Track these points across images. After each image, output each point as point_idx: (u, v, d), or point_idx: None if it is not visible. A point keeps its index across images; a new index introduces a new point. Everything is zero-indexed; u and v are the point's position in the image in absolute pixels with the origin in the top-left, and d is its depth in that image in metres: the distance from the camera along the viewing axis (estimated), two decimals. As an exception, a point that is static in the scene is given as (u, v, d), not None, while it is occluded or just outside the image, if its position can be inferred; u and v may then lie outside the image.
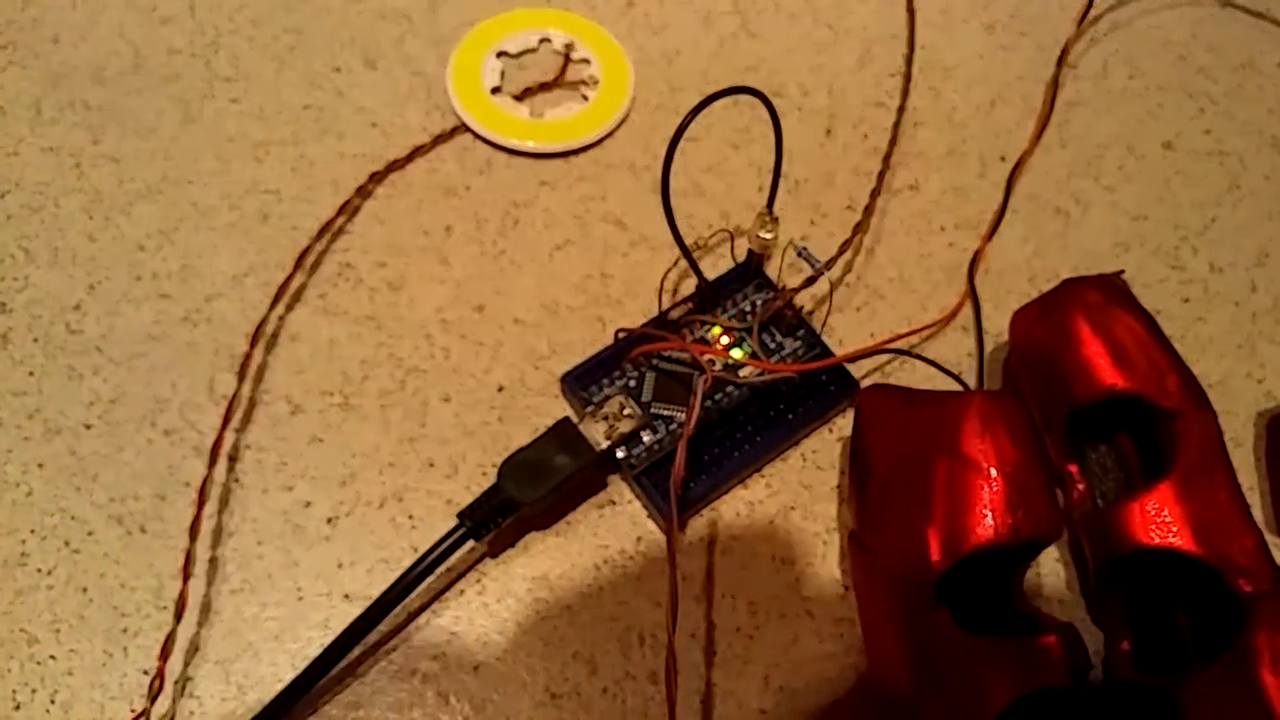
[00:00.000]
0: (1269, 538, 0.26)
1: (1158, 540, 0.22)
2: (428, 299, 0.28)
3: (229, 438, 0.26)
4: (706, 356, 0.25)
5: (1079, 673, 0.21)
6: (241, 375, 0.27)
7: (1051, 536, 0.21)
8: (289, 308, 0.28)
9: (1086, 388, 0.23)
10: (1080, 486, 0.25)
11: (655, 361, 0.26)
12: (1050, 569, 0.26)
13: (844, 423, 0.27)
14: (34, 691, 0.23)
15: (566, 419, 0.25)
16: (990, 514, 0.21)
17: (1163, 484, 0.23)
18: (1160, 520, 0.22)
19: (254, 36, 0.33)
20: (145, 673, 0.23)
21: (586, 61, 0.32)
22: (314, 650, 0.23)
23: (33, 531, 0.25)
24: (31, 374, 0.27)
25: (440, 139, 0.31)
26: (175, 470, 0.26)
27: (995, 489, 0.21)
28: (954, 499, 0.21)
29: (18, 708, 0.23)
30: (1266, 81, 0.34)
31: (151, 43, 0.32)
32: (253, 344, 0.27)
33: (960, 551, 0.21)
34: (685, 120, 0.22)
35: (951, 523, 0.21)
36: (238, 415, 0.26)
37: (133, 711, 0.23)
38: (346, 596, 0.24)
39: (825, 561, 0.25)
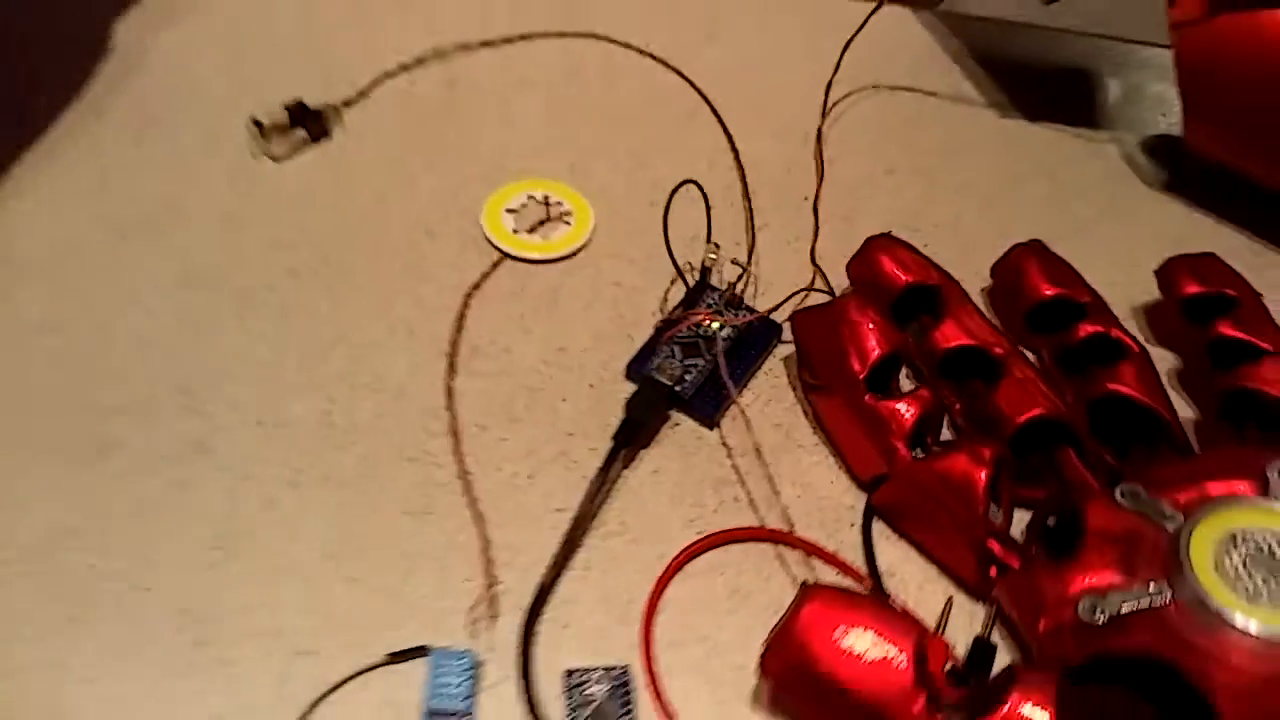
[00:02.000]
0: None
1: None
2: (528, 352, 0.47)
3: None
4: (706, 323, 0.45)
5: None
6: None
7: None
8: (452, 377, 0.46)
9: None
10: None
11: (674, 340, 0.46)
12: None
13: (782, 348, 0.48)
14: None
15: (646, 375, 0.44)
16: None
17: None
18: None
19: (356, 258, 0.51)
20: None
21: (560, 203, 0.52)
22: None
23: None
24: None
25: (495, 266, 0.50)
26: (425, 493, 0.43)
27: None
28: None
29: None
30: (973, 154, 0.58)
31: (273, 270, 0.50)
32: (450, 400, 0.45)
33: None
34: (667, 203, 0.43)
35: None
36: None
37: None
38: (560, 510, 0.43)
39: (800, 421, 0.46)
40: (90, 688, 0.37)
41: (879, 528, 0.43)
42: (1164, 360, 0.48)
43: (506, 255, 0.50)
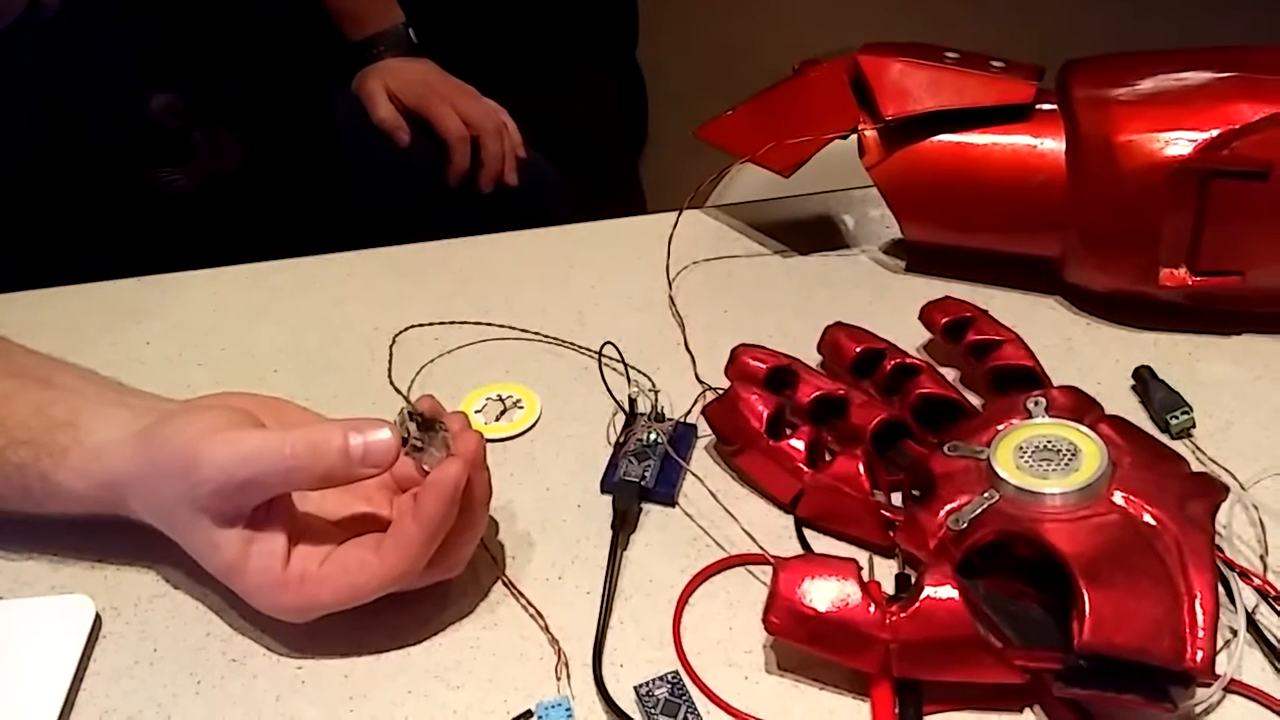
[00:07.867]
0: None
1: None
2: (527, 498, 0.60)
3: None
4: (646, 435, 0.60)
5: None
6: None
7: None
8: (478, 532, 0.59)
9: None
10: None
11: (628, 454, 0.60)
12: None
13: (699, 444, 0.62)
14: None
15: (618, 481, 0.58)
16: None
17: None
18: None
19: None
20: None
21: (513, 396, 0.67)
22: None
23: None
24: None
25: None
26: None
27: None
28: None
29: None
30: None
31: None
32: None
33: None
34: (599, 363, 0.58)
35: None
36: None
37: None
38: (589, 592, 0.55)
39: (730, 484, 0.60)
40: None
41: (808, 532, 0.57)
42: (945, 371, 0.65)
43: (487, 440, 0.64)
